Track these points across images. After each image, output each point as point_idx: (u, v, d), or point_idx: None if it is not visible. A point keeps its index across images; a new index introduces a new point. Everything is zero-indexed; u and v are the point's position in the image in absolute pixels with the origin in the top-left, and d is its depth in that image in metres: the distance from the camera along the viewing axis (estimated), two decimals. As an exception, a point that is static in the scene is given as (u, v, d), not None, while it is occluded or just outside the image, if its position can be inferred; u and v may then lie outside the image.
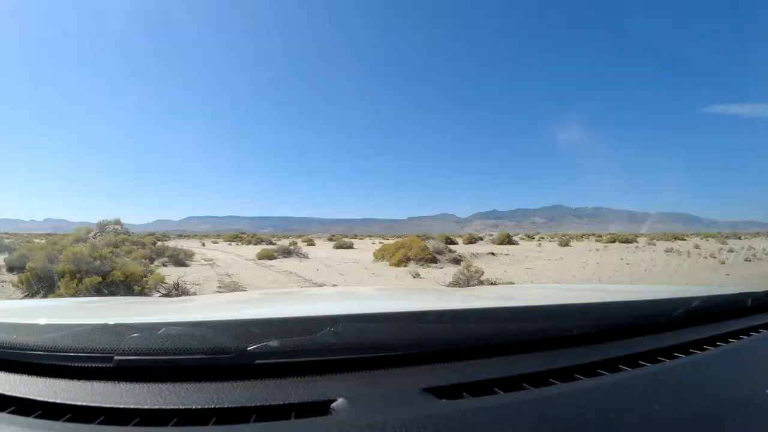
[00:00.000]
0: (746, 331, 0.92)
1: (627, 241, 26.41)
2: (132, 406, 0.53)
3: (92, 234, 12.88)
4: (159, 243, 14.08)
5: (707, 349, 0.79)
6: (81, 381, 0.61)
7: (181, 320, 0.69)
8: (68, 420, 0.52)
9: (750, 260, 12.12)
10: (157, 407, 0.53)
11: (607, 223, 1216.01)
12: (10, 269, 7.47)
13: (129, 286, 5.34)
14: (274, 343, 0.62)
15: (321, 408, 0.54)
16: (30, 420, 0.52)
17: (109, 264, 5.48)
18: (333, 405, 0.54)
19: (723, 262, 11.28)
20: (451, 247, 15.85)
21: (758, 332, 0.93)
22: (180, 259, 11.88)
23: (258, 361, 0.62)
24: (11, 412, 0.54)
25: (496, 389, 0.59)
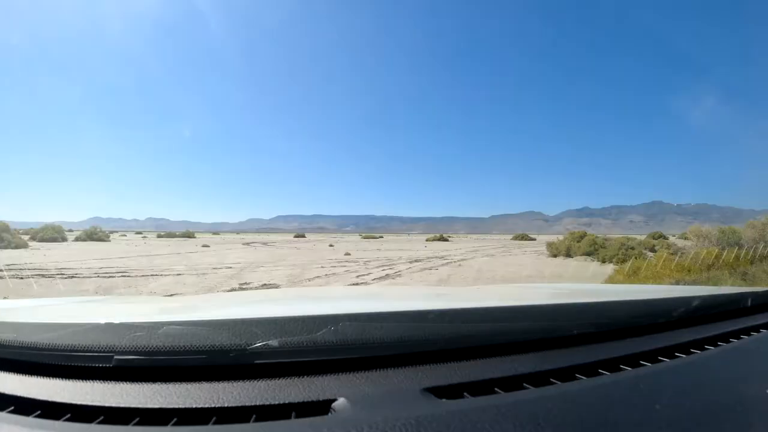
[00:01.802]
0: (747, 331, 0.94)
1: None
2: (132, 406, 0.54)
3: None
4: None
5: (708, 348, 0.81)
6: (81, 380, 0.62)
7: (181, 319, 0.71)
8: (68, 420, 0.52)
9: None
10: (157, 407, 0.54)
11: (711, 222, 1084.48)
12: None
13: None
14: (274, 343, 0.63)
15: (321, 407, 0.55)
16: (30, 419, 0.53)
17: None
18: (333, 405, 0.55)
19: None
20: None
21: (759, 332, 0.95)
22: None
23: (258, 361, 0.63)
24: (11, 412, 0.55)
25: (496, 389, 0.60)
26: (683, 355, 0.77)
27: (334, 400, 0.55)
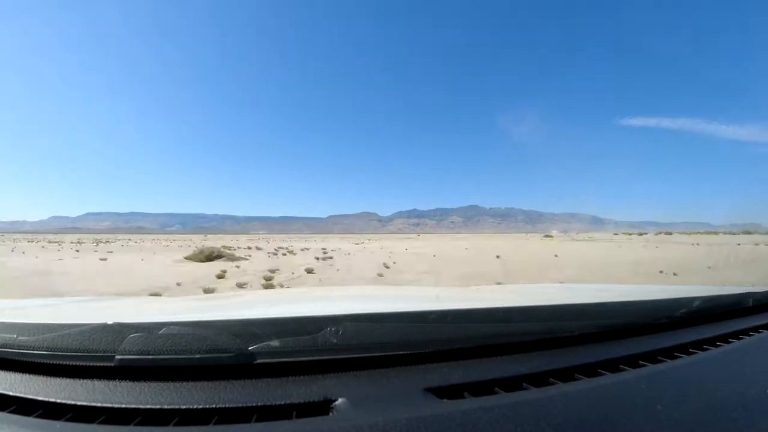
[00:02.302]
0: (747, 331, 0.95)
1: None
2: (133, 406, 0.55)
3: None
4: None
5: (708, 349, 0.82)
6: (82, 380, 0.63)
7: (183, 320, 0.71)
8: (69, 419, 0.53)
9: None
10: (158, 407, 0.55)
11: (517, 223, 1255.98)
12: None
13: None
14: (275, 343, 0.64)
15: (322, 408, 0.55)
16: (31, 420, 0.54)
17: None
18: (334, 405, 0.55)
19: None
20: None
21: (759, 332, 0.96)
22: None
23: (259, 361, 0.64)
24: (12, 412, 0.56)
25: (496, 389, 0.61)
26: (683, 356, 0.78)
27: (335, 400, 0.56)
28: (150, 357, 0.62)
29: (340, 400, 0.56)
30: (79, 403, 0.56)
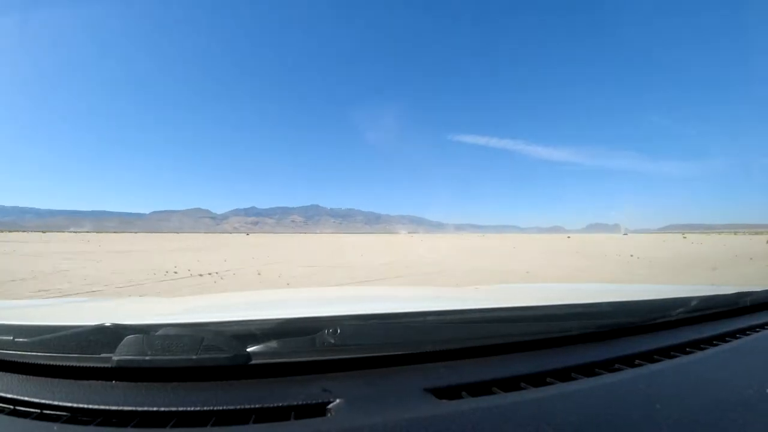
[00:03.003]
0: (744, 331, 0.95)
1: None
2: (131, 408, 0.54)
3: None
4: None
5: (705, 348, 0.82)
6: (79, 382, 0.62)
7: (180, 321, 0.71)
8: (67, 421, 0.53)
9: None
10: (155, 408, 0.54)
11: (357, 223, 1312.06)
12: None
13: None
14: (272, 344, 0.64)
15: (320, 409, 0.55)
16: (28, 421, 0.53)
17: None
18: (332, 405, 0.55)
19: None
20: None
21: (757, 331, 0.96)
22: None
23: (257, 362, 0.64)
24: (9, 413, 0.55)
25: (495, 389, 0.62)
26: (681, 355, 0.78)
27: (333, 401, 0.56)
28: (147, 358, 0.61)
29: (338, 401, 0.56)
30: (76, 404, 0.55)
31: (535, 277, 8.88)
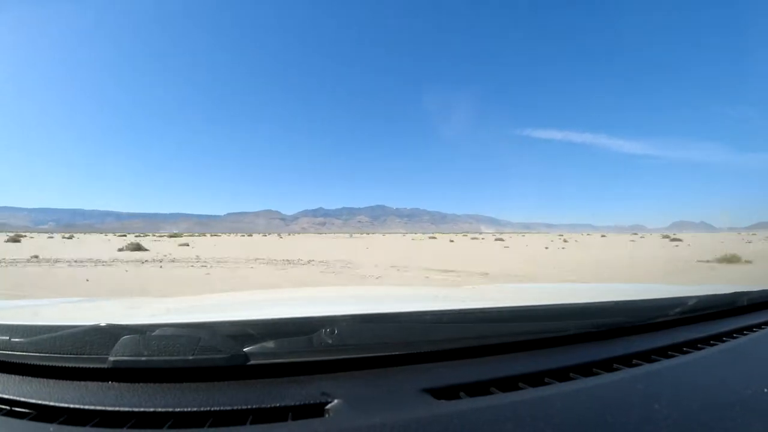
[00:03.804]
0: (741, 330, 0.96)
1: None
2: (127, 409, 0.54)
3: None
4: None
5: (703, 348, 0.82)
6: (75, 382, 0.62)
7: (176, 321, 0.70)
8: (63, 422, 0.52)
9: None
10: (152, 409, 0.54)
11: (423, 223, 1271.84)
12: None
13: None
14: (269, 344, 0.64)
15: (318, 409, 0.55)
16: (24, 422, 0.53)
17: None
18: (329, 406, 0.55)
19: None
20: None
21: (754, 331, 0.96)
22: None
23: (254, 362, 0.63)
24: (5, 414, 0.55)
25: (493, 389, 0.61)
26: (679, 355, 0.78)
27: (331, 401, 0.56)
28: (143, 359, 0.61)
29: (336, 402, 0.56)
30: (72, 405, 0.55)
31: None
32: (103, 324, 0.65)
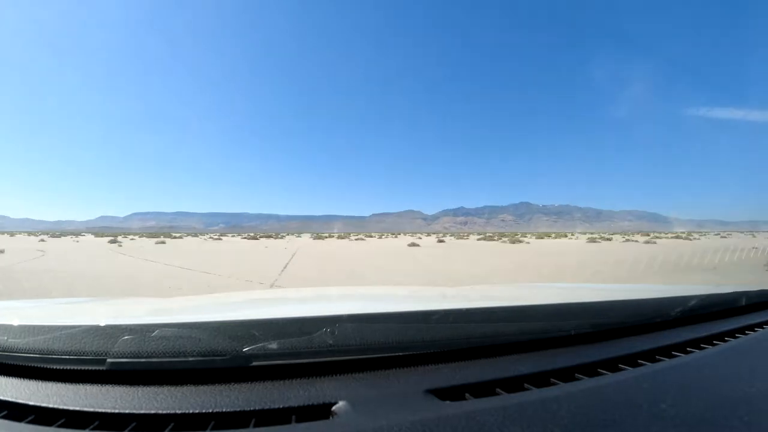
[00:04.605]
0: (742, 330, 0.97)
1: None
2: (127, 411, 0.53)
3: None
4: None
5: (705, 348, 0.83)
6: (74, 384, 0.61)
7: (176, 321, 0.69)
8: (62, 425, 0.52)
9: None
10: (152, 412, 0.53)
11: (573, 221, 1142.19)
12: None
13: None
14: (272, 345, 0.63)
15: (322, 411, 0.54)
16: (23, 425, 0.52)
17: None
18: (334, 408, 0.54)
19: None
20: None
21: (755, 330, 0.97)
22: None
23: (256, 363, 0.63)
24: (4, 417, 0.54)
25: (498, 390, 0.61)
26: (681, 355, 0.79)
27: (336, 403, 0.55)
28: (143, 360, 0.61)
29: (340, 404, 0.55)
30: (71, 408, 0.55)
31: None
32: (102, 324, 0.65)
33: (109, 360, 0.60)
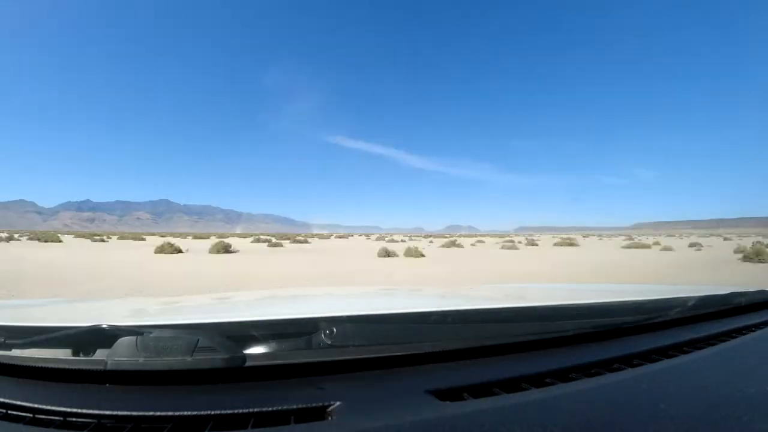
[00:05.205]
0: (740, 330, 0.98)
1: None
2: (125, 412, 0.53)
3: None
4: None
5: (703, 348, 0.84)
6: (72, 385, 0.61)
7: (175, 322, 0.69)
8: (60, 426, 0.52)
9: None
10: (151, 413, 0.53)
11: (215, 222, 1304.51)
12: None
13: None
14: (270, 345, 0.64)
15: (320, 412, 0.54)
16: (21, 426, 0.52)
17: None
18: (333, 408, 0.54)
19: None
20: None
21: (753, 331, 0.99)
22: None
23: (254, 364, 0.63)
24: (2, 418, 0.55)
25: (496, 390, 0.61)
26: (679, 355, 0.79)
27: (334, 403, 0.55)
28: (141, 361, 0.60)
29: (339, 404, 0.55)
30: (69, 408, 0.54)
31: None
32: (100, 325, 0.64)
33: (107, 361, 0.60)
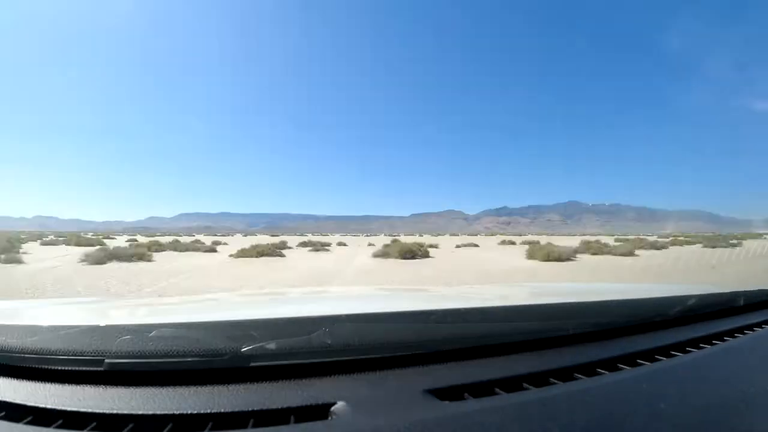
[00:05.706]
0: (741, 330, 0.98)
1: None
2: (125, 412, 0.53)
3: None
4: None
5: (704, 347, 0.84)
6: (72, 385, 0.61)
7: (174, 321, 0.70)
8: (60, 426, 0.52)
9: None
10: (150, 412, 0.53)
11: (626, 221, 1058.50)
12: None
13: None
14: (271, 345, 0.63)
15: (321, 412, 0.54)
16: (20, 426, 0.52)
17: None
18: (333, 408, 0.54)
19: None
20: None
21: (753, 330, 0.99)
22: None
23: (255, 364, 0.63)
24: (2, 418, 0.54)
25: (497, 390, 0.61)
26: (680, 354, 0.79)
27: (334, 403, 0.55)
28: (141, 360, 0.61)
29: (339, 404, 0.55)
30: (69, 408, 0.55)
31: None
32: (100, 324, 0.65)
33: (107, 360, 0.60)
